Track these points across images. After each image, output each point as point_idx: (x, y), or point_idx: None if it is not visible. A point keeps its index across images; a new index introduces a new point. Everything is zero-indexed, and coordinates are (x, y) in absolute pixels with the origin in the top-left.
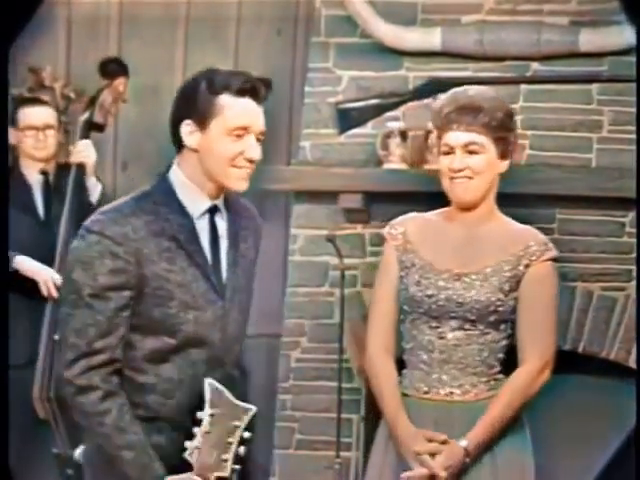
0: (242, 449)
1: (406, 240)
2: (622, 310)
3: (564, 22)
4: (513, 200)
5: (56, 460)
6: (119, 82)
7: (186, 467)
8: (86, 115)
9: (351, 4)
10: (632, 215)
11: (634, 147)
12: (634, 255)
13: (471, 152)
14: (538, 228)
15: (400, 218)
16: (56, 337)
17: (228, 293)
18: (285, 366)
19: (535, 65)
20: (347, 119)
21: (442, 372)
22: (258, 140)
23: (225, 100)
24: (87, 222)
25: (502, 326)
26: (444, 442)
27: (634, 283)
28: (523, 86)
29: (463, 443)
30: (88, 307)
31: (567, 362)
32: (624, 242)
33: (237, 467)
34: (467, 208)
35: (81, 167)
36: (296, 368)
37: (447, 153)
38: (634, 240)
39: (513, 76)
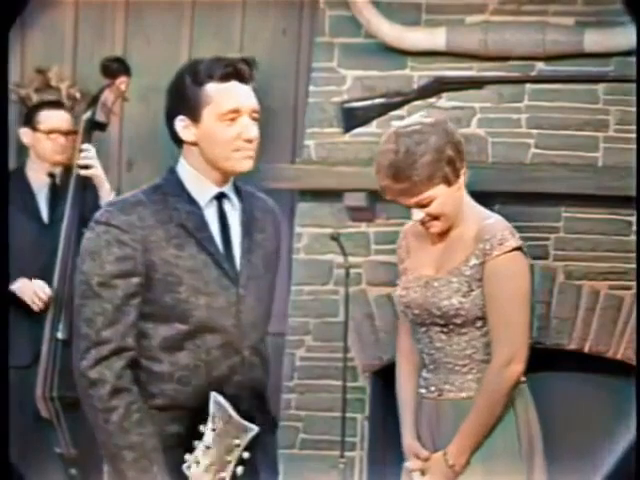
0: (240, 469)
1: (403, 245)
2: (629, 309)
3: (569, 22)
4: (519, 199)
5: (59, 460)
6: (121, 81)
7: None
8: (88, 114)
9: (355, 5)
10: (637, 214)
11: (635, 147)
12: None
13: (424, 205)
14: (544, 227)
15: (407, 225)
16: (59, 336)
17: (242, 280)
18: (290, 365)
19: (540, 65)
20: (352, 118)
21: (435, 373)
22: (254, 119)
23: (211, 88)
24: (96, 214)
25: (478, 323)
26: (426, 459)
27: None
28: (528, 85)
29: (446, 455)
30: (97, 296)
31: (573, 361)
32: (631, 241)
33: None
34: None
35: (84, 169)
36: (300, 367)
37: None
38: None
39: (518, 75)
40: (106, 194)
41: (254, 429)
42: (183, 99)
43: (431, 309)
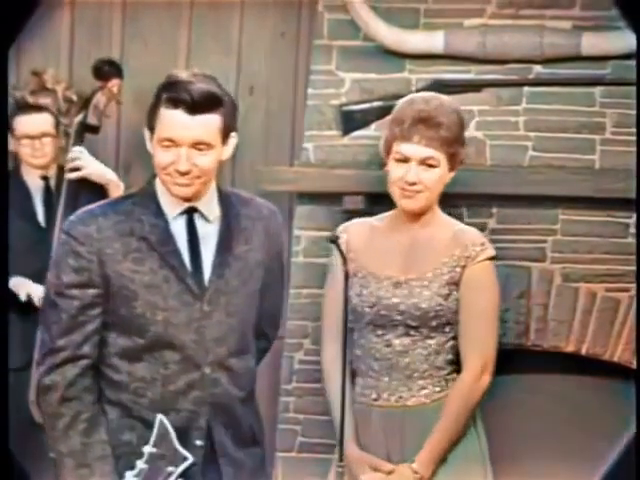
0: None
1: (349, 249)
2: (626, 311)
3: (566, 26)
4: (516, 201)
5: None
6: (113, 84)
7: None
8: (80, 117)
9: (353, 8)
10: (636, 216)
11: (635, 149)
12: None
13: (428, 165)
14: (541, 229)
15: (344, 225)
16: None
17: (208, 295)
18: (288, 368)
19: (537, 68)
20: (350, 121)
21: (390, 379)
22: (198, 149)
23: (162, 111)
24: (64, 224)
25: (446, 328)
26: (390, 472)
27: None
28: (526, 88)
29: (414, 465)
30: (54, 305)
31: (571, 363)
32: (628, 243)
33: None
34: (412, 215)
35: (74, 172)
36: (299, 370)
37: (400, 161)
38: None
39: (516, 78)
40: (115, 189)
41: (189, 459)
42: (149, 113)
43: (408, 310)
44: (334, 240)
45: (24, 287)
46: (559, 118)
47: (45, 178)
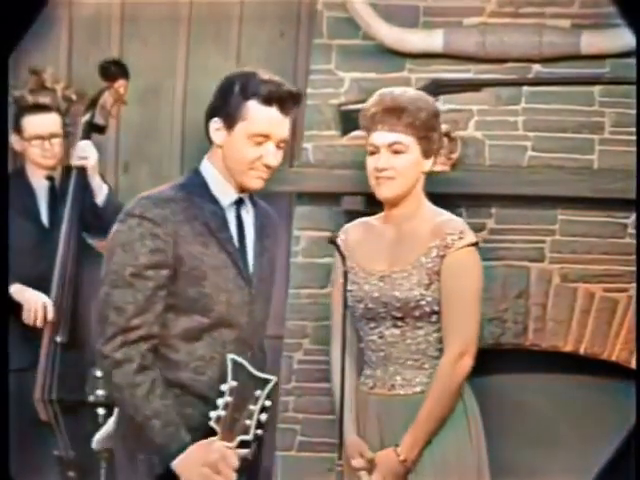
0: (264, 416)
1: (346, 247)
2: (624, 311)
3: (566, 25)
4: (515, 201)
5: (57, 462)
6: (120, 84)
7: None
8: (87, 117)
9: (353, 7)
10: (634, 216)
11: (635, 149)
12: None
13: (396, 152)
14: (540, 229)
15: (346, 225)
16: (58, 339)
17: (254, 281)
18: (287, 368)
19: (537, 67)
20: (350, 121)
21: (385, 369)
22: (279, 147)
23: (253, 106)
24: (127, 207)
25: (433, 318)
26: (370, 460)
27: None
28: (525, 88)
29: (398, 449)
30: (128, 286)
31: (569, 363)
32: (626, 243)
33: (260, 432)
34: (393, 205)
35: (82, 170)
36: (298, 370)
37: (373, 153)
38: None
39: (515, 77)
40: (97, 187)
41: (273, 379)
42: (226, 104)
43: (390, 302)
44: (332, 241)
45: (30, 303)
46: (558, 118)
47: (50, 178)
